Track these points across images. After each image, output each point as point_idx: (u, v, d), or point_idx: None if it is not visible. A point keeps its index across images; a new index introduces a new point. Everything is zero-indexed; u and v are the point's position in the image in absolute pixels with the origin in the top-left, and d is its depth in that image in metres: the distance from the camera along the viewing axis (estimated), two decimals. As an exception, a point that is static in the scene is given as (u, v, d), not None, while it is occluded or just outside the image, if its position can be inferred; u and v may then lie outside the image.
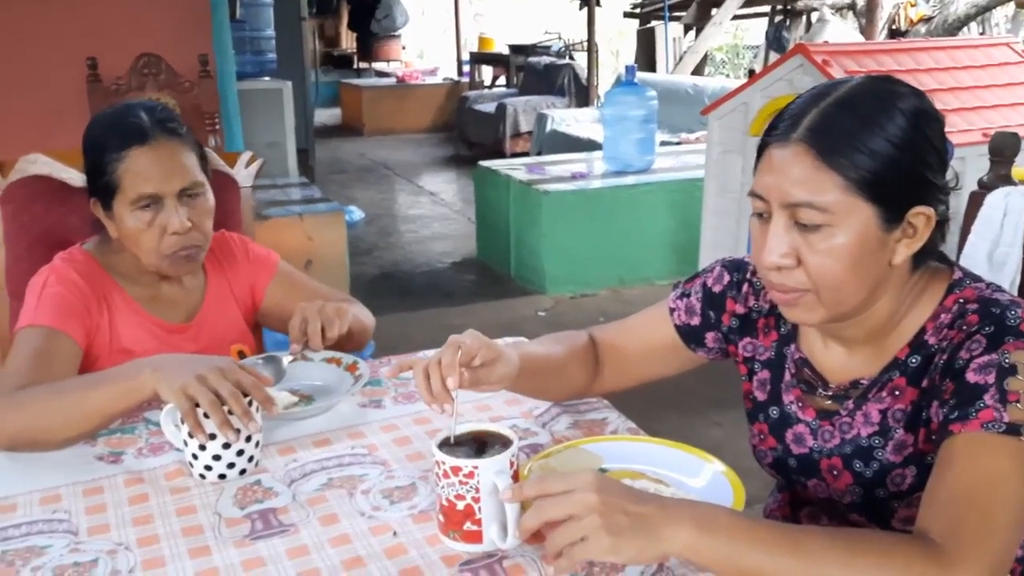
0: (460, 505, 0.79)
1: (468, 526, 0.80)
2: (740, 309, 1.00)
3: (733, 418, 1.14)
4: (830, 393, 0.91)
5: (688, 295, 1.04)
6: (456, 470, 0.79)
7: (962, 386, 0.77)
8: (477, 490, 0.79)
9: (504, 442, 0.83)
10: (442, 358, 0.86)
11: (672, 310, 1.04)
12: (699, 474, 0.91)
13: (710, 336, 1.02)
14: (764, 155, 0.83)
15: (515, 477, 0.81)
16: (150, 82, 2.98)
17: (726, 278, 1.02)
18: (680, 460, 0.93)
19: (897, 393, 0.86)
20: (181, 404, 0.93)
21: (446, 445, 0.83)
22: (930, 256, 0.86)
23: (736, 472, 0.89)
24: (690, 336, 1.03)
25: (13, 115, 2.95)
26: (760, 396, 0.98)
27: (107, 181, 1.17)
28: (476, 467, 0.78)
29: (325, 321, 1.15)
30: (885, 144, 0.78)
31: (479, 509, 0.79)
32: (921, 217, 0.81)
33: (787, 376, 0.95)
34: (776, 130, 0.82)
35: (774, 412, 0.96)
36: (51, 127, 2.89)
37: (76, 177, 1.38)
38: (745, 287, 1.00)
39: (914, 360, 0.85)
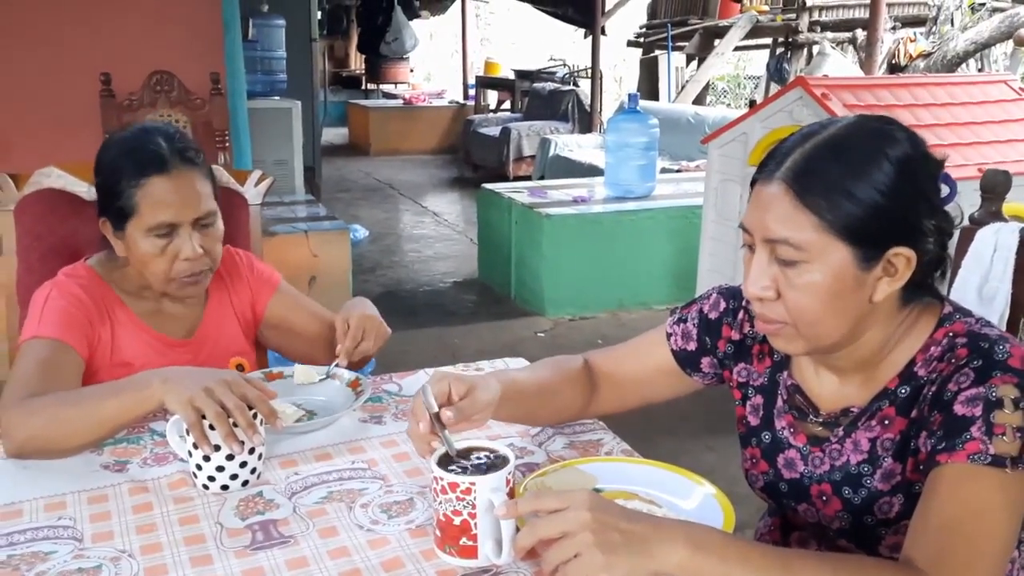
0: (457, 521, 0.81)
1: (464, 541, 0.81)
2: (735, 335, 1.02)
3: (727, 443, 1.16)
4: (821, 420, 0.93)
5: (685, 321, 1.06)
6: (453, 486, 0.81)
7: (950, 418, 0.79)
8: (473, 506, 0.80)
9: (501, 460, 0.84)
10: (415, 406, 0.89)
11: (669, 335, 1.06)
12: (690, 496, 0.93)
13: (706, 361, 1.05)
14: (754, 191, 0.85)
15: (511, 494, 0.83)
16: (162, 99, 3.04)
17: (722, 305, 1.04)
18: (672, 482, 0.95)
19: (887, 422, 0.88)
20: (187, 415, 0.95)
21: (444, 461, 0.85)
22: (922, 291, 0.87)
23: (728, 497, 0.91)
24: (686, 361, 1.06)
25: (28, 128, 3.00)
26: (753, 421, 1.00)
27: (122, 205, 1.18)
28: (473, 483, 0.80)
29: (377, 335, 1.21)
30: (870, 191, 0.79)
31: (475, 525, 0.81)
32: (901, 258, 0.82)
33: (780, 402, 0.97)
34: (766, 167, 0.84)
35: (766, 437, 0.98)
36: (65, 141, 2.94)
37: (89, 190, 1.41)
38: (740, 314, 1.02)
39: (904, 391, 0.87)
